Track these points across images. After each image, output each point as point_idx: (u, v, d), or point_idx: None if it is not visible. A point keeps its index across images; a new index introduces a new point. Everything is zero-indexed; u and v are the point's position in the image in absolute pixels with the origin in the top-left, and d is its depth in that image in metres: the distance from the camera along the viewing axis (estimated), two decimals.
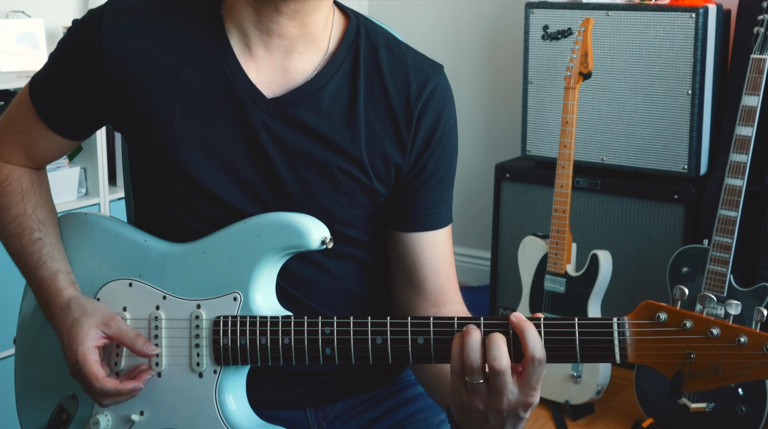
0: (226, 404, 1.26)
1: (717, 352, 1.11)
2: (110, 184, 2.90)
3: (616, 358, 1.14)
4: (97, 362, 1.26)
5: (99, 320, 1.27)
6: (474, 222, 3.86)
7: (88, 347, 1.26)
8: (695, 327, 1.11)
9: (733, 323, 1.11)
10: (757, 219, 2.88)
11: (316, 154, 1.30)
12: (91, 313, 1.28)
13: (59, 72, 1.35)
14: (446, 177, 1.39)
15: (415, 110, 1.33)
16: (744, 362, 1.10)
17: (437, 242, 1.39)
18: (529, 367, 1.12)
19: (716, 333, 1.11)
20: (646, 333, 1.13)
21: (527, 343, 1.12)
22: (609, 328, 1.14)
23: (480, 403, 1.14)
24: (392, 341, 1.19)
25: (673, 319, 1.12)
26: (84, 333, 1.26)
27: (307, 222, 1.26)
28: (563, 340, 1.14)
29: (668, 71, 2.98)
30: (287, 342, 1.23)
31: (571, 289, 2.87)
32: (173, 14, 1.31)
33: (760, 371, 1.10)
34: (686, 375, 1.12)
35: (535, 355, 1.12)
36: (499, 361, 1.12)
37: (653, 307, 1.13)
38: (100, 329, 1.27)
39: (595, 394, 2.85)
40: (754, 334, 1.10)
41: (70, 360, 1.27)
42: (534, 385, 1.13)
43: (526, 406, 1.14)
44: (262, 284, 1.27)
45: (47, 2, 3.07)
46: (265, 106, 1.29)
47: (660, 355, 1.13)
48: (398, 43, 1.37)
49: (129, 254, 1.32)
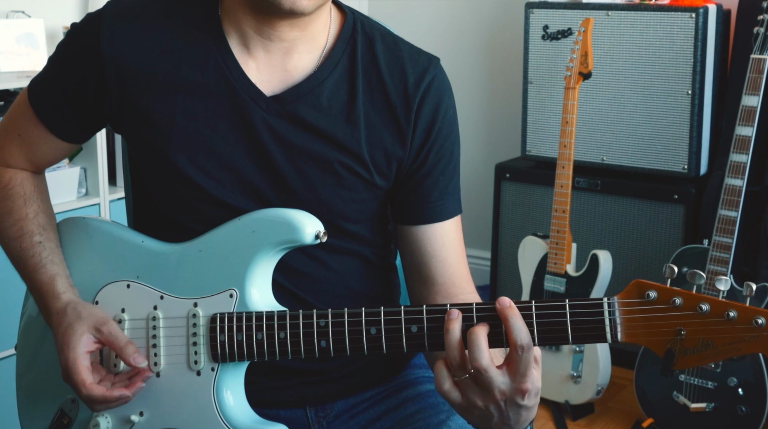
0: (225, 401, 1.26)
1: (707, 328, 1.11)
2: (110, 184, 2.90)
3: (607, 337, 1.14)
4: (87, 368, 1.25)
5: (92, 324, 1.27)
6: (474, 222, 3.86)
7: (79, 353, 1.25)
8: (685, 304, 1.12)
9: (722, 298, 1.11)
10: (757, 219, 2.88)
11: (317, 150, 1.31)
12: (84, 317, 1.28)
13: (58, 75, 1.35)
14: (449, 168, 1.39)
15: (414, 103, 1.33)
16: (734, 336, 1.10)
17: (444, 233, 1.40)
18: (516, 354, 1.13)
19: (706, 309, 1.11)
20: (636, 311, 1.13)
21: (511, 330, 1.13)
22: (599, 309, 1.14)
23: (477, 399, 1.15)
24: (386, 330, 1.20)
25: (662, 296, 1.12)
26: (77, 338, 1.26)
27: (301, 216, 1.27)
28: (555, 322, 1.15)
29: (668, 71, 2.98)
30: (283, 336, 1.23)
31: (571, 289, 2.87)
32: (171, 16, 1.32)
33: (750, 345, 1.10)
34: (677, 352, 1.12)
35: (519, 342, 1.12)
36: (479, 361, 1.12)
37: (642, 285, 1.13)
38: (92, 334, 1.27)
39: (595, 394, 2.85)
40: (743, 309, 1.10)
41: (61, 364, 1.27)
42: (524, 371, 1.13)
43: (522, 393, 1.13)
44: (258, 280, 1.27)
45: (47, 2, 3.07)
46: (265, 103, 1.30)
47: (650, 333, 1.13)
48: (394, 37, 1.38)
49: (126, 256, 1.33)
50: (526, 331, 1.13)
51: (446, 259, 1.40)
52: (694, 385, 2.64)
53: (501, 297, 1.16)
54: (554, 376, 2.91)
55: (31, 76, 2.72)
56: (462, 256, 1.42)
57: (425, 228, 1.39)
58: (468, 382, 1.15)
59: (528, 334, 1.13)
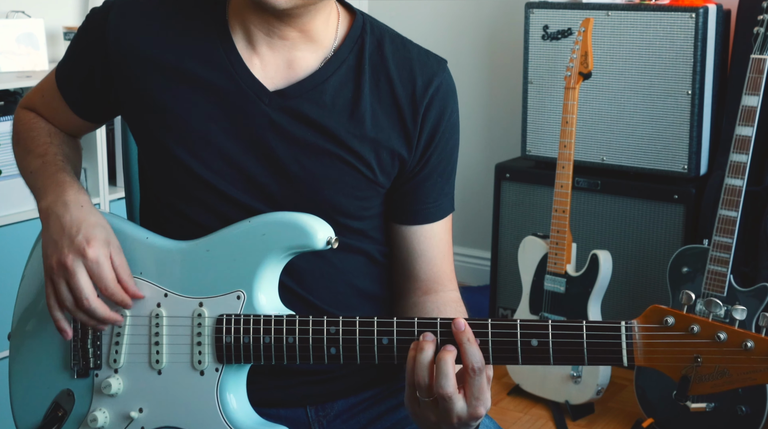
0: (228, 402, 1.26)
1: (723, 357, 1.12)
2: (110, 184, 2.90)
3: (623, 361, 1.15)
4: (111, 267, 1.26)
5: (114, 243, 1.28)
6: (474, 222, 3.85)
7: (106, 253, 1.26)
8: (702, 331, 1.12)
9: (738, 328, 1.12)
10: (757, 219, 2.88)
11: (319, 145, 1.32)
12: (108, 230, 1.29)
13: (73, 57, 1.42)
14: (447, 170, 1.41)
15: (421, 106, 1.34)
16: (750, 366, 1.11)
17: (434, 234, 1.41)
18: (469, 378, 1.16)
19: (723, 337, 1.12)
20: (654, 336, 1.14)
21: (465, 354, 1.16)
22: (617, 332, 1.15)
23: (432, 416, 1.18)
24: (398, 341, 1.20)
25: (680, 323, 1.13)
26: (102, 240, 1.26)
27: (313, 222, 1.26)
28: (571, 343, 1.16)
29: (668, 71, 2.98)
30: (291, 341, 1.23)
31: (571, 289, 2.87)
32: (178, 9, 1.34)
33: (765, 376, 1.11)
34: (693, 378, 1.13)
35: (471, 365, 1.15)
36: (444, 389, 1.15)
37: (661, 311, 1.14)
38: (109, 247, 1.27)
39: (595, 394, 2.85)
40: (760, 340, 1.11)
41: (80, 250, 1.25)
42: (477, 395, 1.16)
43: (476, 418, 1.17)
44: (266, 283, 1.27)
45: (47, 2, 3.07)
46: (268, 98, 1.31)
47: (668, 359, 1.14)
48: (402, 39, 1.39)
49: (130, 251, 1.32)
50: (480, 355, 1.16)
51: (432, 259, 1.41)
52: None
53: (456, 319, 1.18)
54: (554, 376, 2.91)
55: (31, 76, 2.74)
56: (448, 254, 1.44)
57: (417, 228, 1.41)
58: (429, 403, 1.18)
59: (481, 358, 1.16)
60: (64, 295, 1.26)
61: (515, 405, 2.99)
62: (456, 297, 1.42)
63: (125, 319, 1.30)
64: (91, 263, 1.25)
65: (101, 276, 1.25)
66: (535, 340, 1.17)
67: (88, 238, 1.26)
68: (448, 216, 1.44)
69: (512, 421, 2.90)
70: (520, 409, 2.97)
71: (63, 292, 1.26)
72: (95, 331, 1.30)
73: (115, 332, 1.30)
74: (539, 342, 1.16)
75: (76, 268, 1.25)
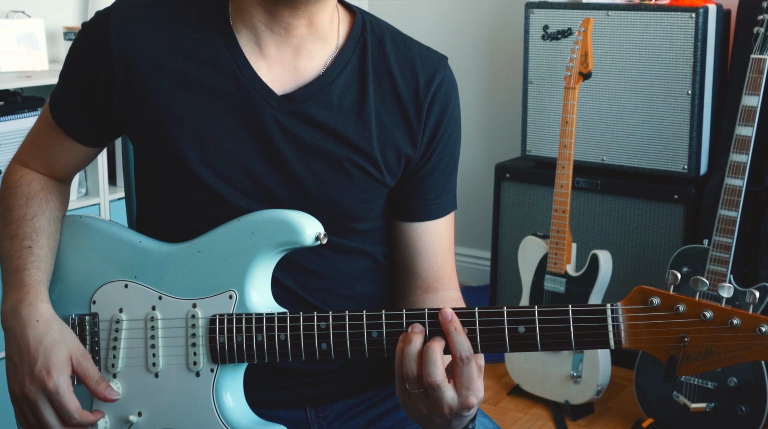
0: (224, 402, 1.26)
1: (710, 335, 1.12)
2: (110, 184, 2.90)
3: (610, 344, 1.15)
4: (73, 393, 1.25)
5: (77, 353, 1.27)
6: (474, 222, 3.86)
7: (66, 378, 1.25)
8: (688, 310, 1.12)
9: (725, 306, 1.12)
10: (757, 219, 2.88)
11: (329, 148, 1.31)
12: (68, 341, 1.27)
13: (71, 73, 1.36)
14: (449, 167, 1.41)
15: (425, 103, 1.34)
16: (737, 344, 1.11)
17: (436, 231, 1.41)
18: (458, 367, 1.15)
19: (709, 316, 1.11)
20: (639, 318, 1.14)
21: (452, 344, 1.16)
22: (603, 315, 1.15)
23: (423, 408, 1.18)
24: (387, 334, 1.21)
25: (666, 303, 1.13)
26: (62, 361, 1.25)
27: (301, 218, 1.27)
28: (558, 328, 1.16)
29: (668, 71, 2.98)
30: (283, 338, 1.23)
31: (571, 289, 2.87)
32: (180, 14, 1.32)
33: (753, 353, 1.11)
34: (680, 358, 1.13)
35: (459, 354, 1.15)
36: (433, 377, 1.15)
37: (646, 292, 1.14)
38: (71, 362, 1.26)
39: (595, 394, 2.85)
40: (746, 316, 1.11)
41: (40, 382, 1.24)
42: (467, 384, 1.16)
43: (467, 407, 1.16)
44: (258, 282, 1.27)
45: (47, 2, 3.07)
46: (276, 102, 1.30)
47: (654, 340, 1.14)
48: (403, 36, 1.39)
49: (124, 256, 1.32)
50: (468, 344, 1.16)
51: (433, 257, 1.41)
52: (694, 385, 2.64)
53: (443, 308, 1.18)
54: (554, 376, 2.91)
55: (31, 76, 2.75)
56: (449, 252, 1.44)
57: (418, 225, 1.41)
58: (419, 395, 1.18)
59: (469, 347, 1.16)
60: (33, 422, 1.27)
61: (515, 405, 2.99)
62: (457, 296, 1.42)
63: (122, 323, 1.30)
64: (51, 396, 1.24)
65: (62, 407, 1.24)
66: (522, 326, 1.17)
67: (47, 367, 1.24)
68: (451, 215, 1.43)
69: (512, 421, 2.90)
70: (520, 409, 2.97)
71: (31, 420, 1.27)
72: (93, 338, 1.31)
73: (112, 337, 1.30)
74: (526, 328, 1.17)
75: (39, 402, 1.25)
